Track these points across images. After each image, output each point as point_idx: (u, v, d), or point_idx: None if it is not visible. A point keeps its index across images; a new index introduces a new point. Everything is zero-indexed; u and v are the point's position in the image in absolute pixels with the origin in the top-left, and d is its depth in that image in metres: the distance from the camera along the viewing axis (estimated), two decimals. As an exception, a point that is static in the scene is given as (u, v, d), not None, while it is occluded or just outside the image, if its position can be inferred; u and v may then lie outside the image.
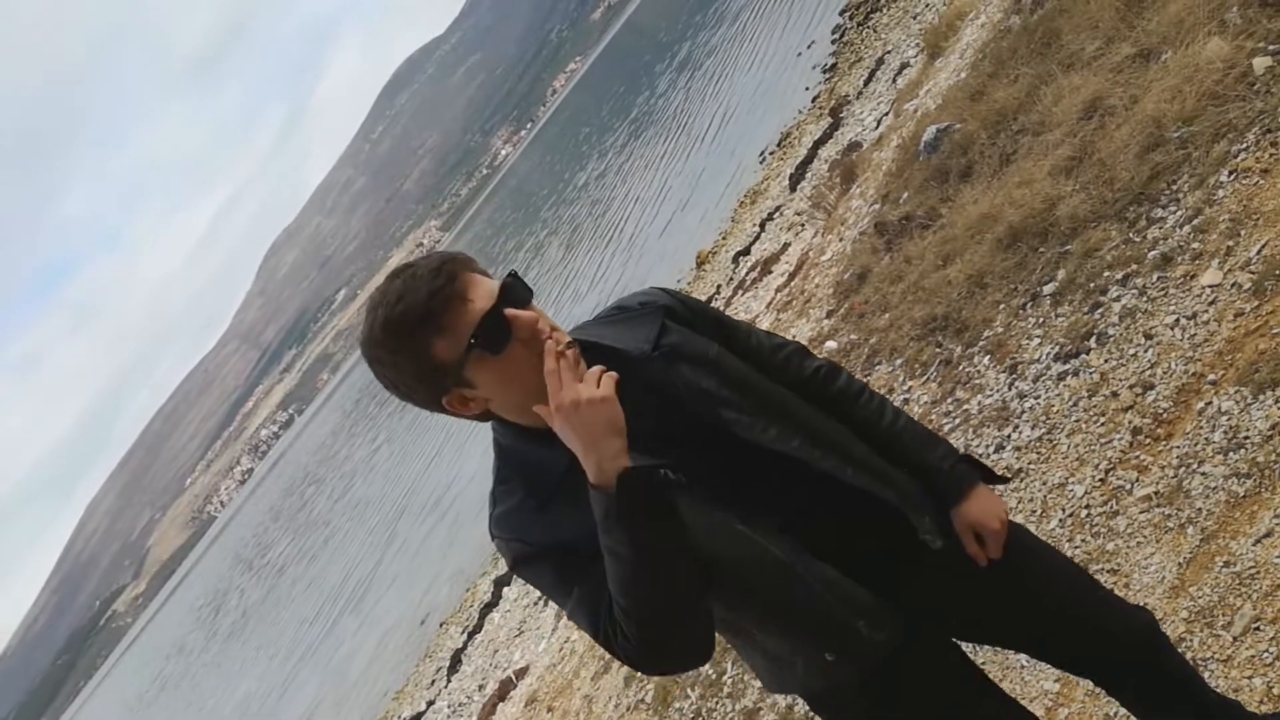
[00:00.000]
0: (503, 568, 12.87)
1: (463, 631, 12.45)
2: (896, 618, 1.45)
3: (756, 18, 27.97)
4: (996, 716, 1.57)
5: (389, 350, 1.32)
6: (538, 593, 10.42)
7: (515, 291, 1.33)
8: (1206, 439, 2.60)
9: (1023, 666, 2.55)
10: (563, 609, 1.39)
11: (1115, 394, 3.10)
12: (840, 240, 6.86)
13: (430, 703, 11.38)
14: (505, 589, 12.18)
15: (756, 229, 11.98)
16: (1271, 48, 3.47)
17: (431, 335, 1.30)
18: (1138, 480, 2.75)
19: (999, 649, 1.68)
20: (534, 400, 1.30)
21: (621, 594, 1.27)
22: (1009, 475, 3.09)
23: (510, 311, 1.31)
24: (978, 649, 2.49)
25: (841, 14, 16.43)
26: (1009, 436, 3.39)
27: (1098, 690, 2.17)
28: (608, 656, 5.66)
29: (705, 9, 42.81)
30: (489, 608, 12.19)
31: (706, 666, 4.26)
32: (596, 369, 1.28)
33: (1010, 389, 3.60)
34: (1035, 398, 3.43)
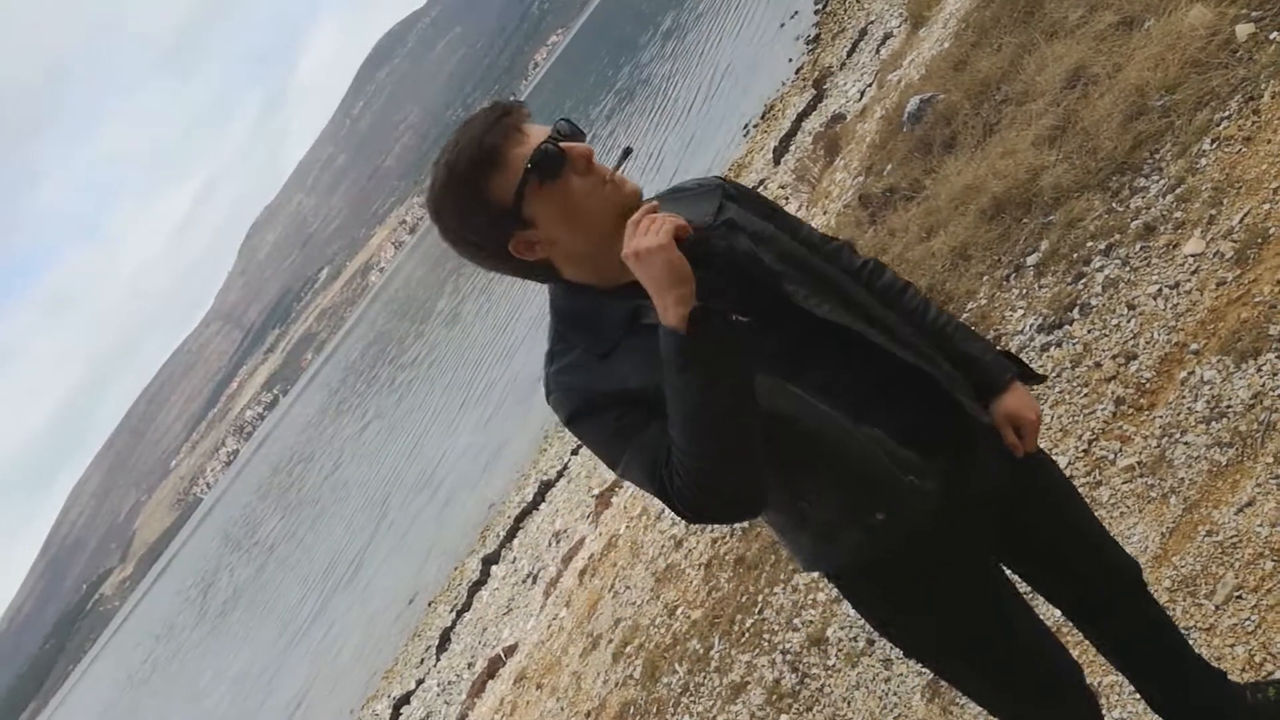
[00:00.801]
0: (491, 545, 12.88)
1: (451, 610, 12.47)
2: (940, 474, 1.50)
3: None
4: (1025, 630, 1.59)
5: (452, 196, 1.37)
6: (526, 569, 10.45)
7: (567, 129, 1.40)
8: (1189, 408, 2.60)
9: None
10: (615, 464, 1.41)
11: (1098, 364, 3.10)
12: (825, 213, 6.83)
13: (420, 681, 11.41)
14: (493, 567, 12.20)
15: (741, 203, 11.93)
16: (1254, 14, 3.45)
17: (490, 172, 1.35)
18: (1121, 450, 2.75)
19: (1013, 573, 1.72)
20: (597, 240, 1.38)
21: (684, 432, 1.30)
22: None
23: (566, 143, 1.37)
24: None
25: (824, -15, 16.31)
26: (993, 408, 3.39)
27: (1086, 657, 2.17)
28: (595, 634, 5.67)
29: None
30: (477, 586, 12.20)
31: (694, 642, 4.27)
32: (661, 217, 1.31)
33: (994, 361, 3.60)
34: (1019, 369, 3.42)
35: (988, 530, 1.60)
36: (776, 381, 1.42)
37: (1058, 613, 1.91)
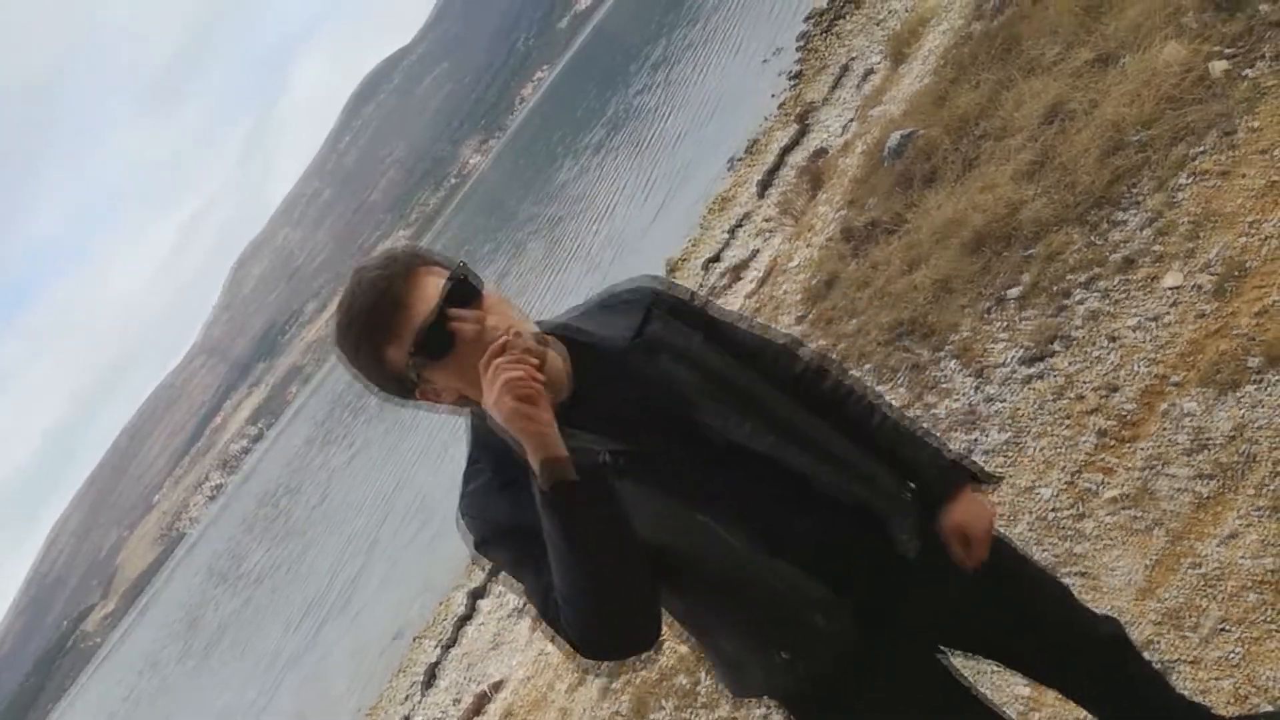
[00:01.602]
0: (477, 580, 12.78)
1: (437, 645, 12.33)
2: (850, 613, 1.44)
3: (723, 25, 28.08)
4: None
5: (348, 356, 1.37)
6: (514, 604, 10.36)
7: (460, 291, 1.33)
8: (1171, 440, 2.62)
9: (993, 672, 2.55)
10: (522, 593, 1.41)
11: (1081, 397, 3.12)
12: (808, 246, 6.88)
13: (406, 717, 11.26)
14: (480, 601, 12.09)
15: (726, 235, 12.00)
16: (1228, 51, 3.52)
17: (380, 343, 1.33)
18: (1104, 482, 2.76)
19: (970, 656, 1.64)
20: None
21: (558, 574, 1.30)
22: (999, 476, 3.06)
23: (454, 315, 1.31)
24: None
25: (806, 21, 16.51)
26: (977, 440, 3.41)
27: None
28: (584, 668, 5.62)
29: (671, 16, 42.95)
30: (464, 621, 12.08)
31: (682, 677, 4.24)
32: (506, 365, 1.27)
33: (978, 393, 3.62)
34: (1002, 401, 3.44)
35: (927, 646, 1.55)
36: (684, 511, 1.39)
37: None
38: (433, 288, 1.33)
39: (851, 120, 9.60)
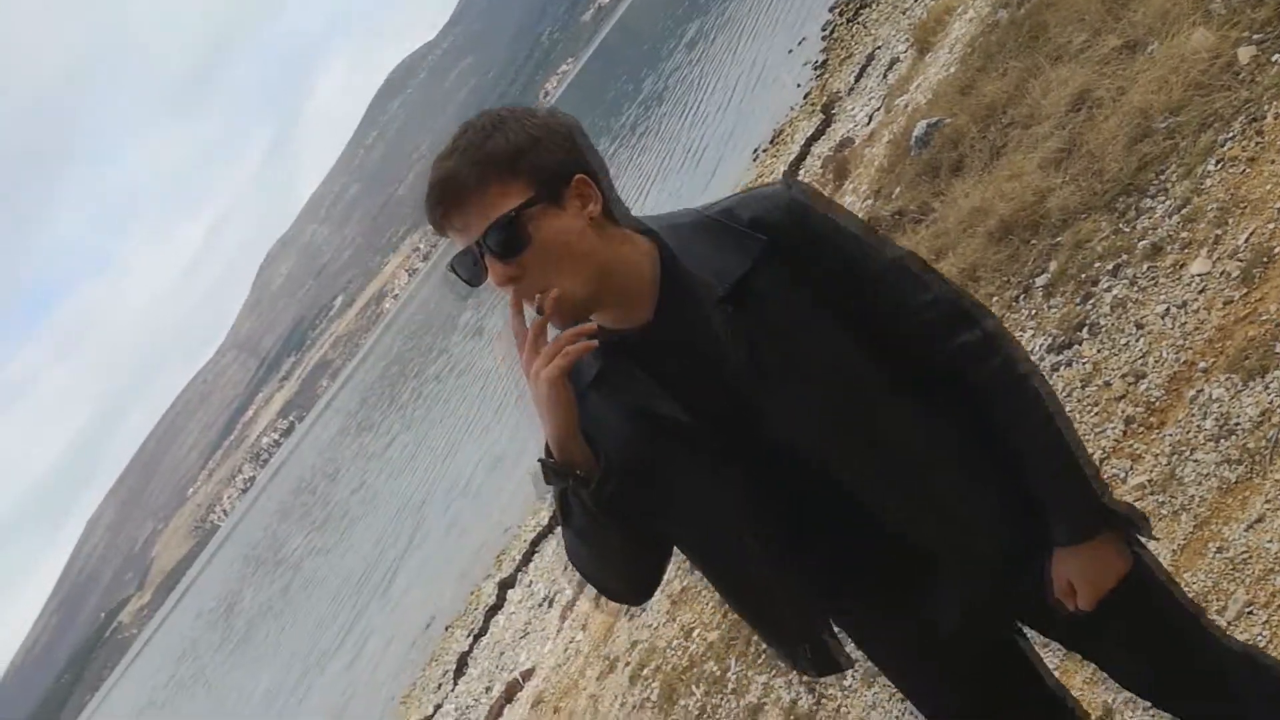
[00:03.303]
0: (506, 570, 12.90)
1: (468, 635, 12.47)
2: (837, 661, 1.42)
3: (746, 16, 27.98)
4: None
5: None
6: (543, 594, 10.45)
7: (500, 240, 1.24)
8: (1198, 426, 2.64)
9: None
10: None
11: (1108, 384, 3.13)
12: (834, 236, 6.89)
13: (438, 706, 11.40)
14: (509, 591, 12.20)
15: (752, 227, 11.99)
16: (1256, 37, 3.51)
17: (440, 227, 1.30)
18: (1131, 469, 2.78)
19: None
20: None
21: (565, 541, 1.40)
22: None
23: (488, 263, 1.26)
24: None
25: (831, 10, 16.45)
26: (1004, 428, 3.42)
27: (1097, 677, 2.20)
28: (611, 657, 5.69)
29: (694, 7, 42.83)
30: (494, 610, 12.21)
31: (711, 663, 4.29)
32: (561, 340, 1.24)
33: (1005, 381, 3.63)
34: (1030, 389, 3.45)
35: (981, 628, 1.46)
36: (706, 497, 1.34)
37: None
38: (490, 211, 1.24)
39: (877, 110, 9.57)
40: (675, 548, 1.44)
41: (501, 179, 1.23)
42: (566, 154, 1.27)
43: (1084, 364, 3.31)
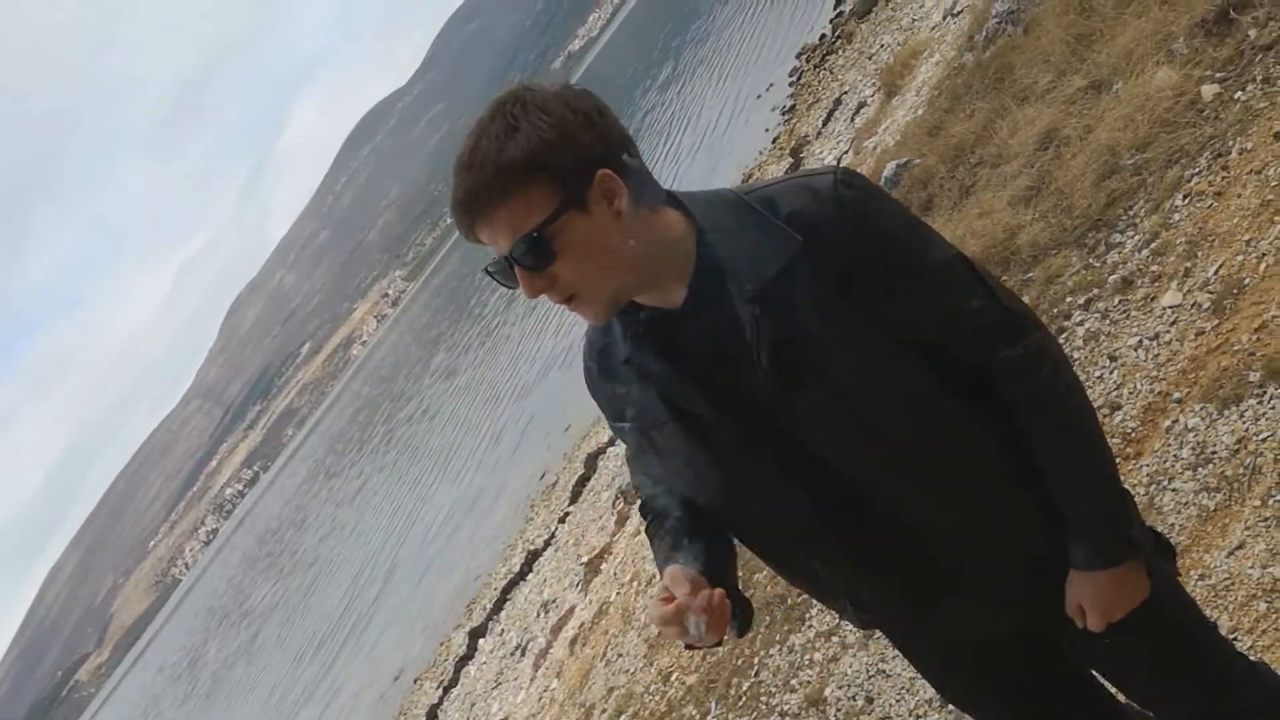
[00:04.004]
0: (477, 618, 12.71)
1: (438, 686, 12.23)
2: (880, 617, 1.49)
3: (713, 63, 28.44)
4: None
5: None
6: (515, 642, 10.29)
7: (529, 253, 1.22)
8: (1175, 456, 2.64)
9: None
10: None
11: (1084, 416, 3.14)
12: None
13: (407, 760, 11.14)
14: (480, 640, 12.00)
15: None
16: (1219, 75, 3.58)
17: (469, 233, 1.27)
18: (1110, 499, 2.77)
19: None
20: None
21: None
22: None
23: (519, 274, 1.24)
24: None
25: (798, 57, 16.74)
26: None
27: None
28: (587, 704, 5.58)
29: (662, 56, 43.47)
30: (464, 660, 12.00)
31: (691, 708, 4.22)
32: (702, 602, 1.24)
33: (981, 415, 3.63)
34: (1006, 423, 3.46)
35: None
36: (730, 486, 1.36)
37: None
38: (516, 223, 1.21)
39: (845, 152, 9.70)
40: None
41: (524, 188, 1.19)
42: (587, 147, 1.21)
43: (1059, 397, 3.32)
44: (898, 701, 2.99)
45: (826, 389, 1.24)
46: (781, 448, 1.29)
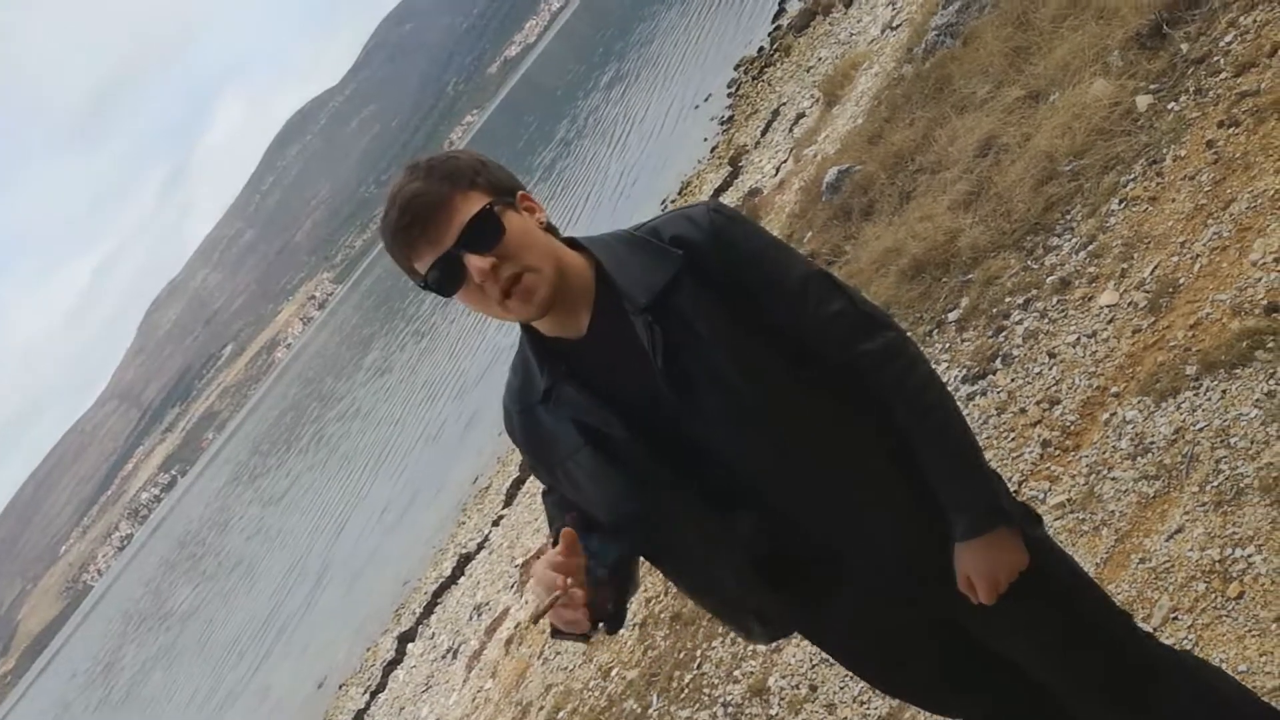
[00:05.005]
0: (405, 624, 12.53)
1: (365, 692, 12.02)
2: (787, 624, 1.56)
3: (652, 72, 28.58)
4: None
5: (386, 249, 1.43)
6: (446, 645, 10.18)
7: (478, 232, 1.35)
8: (1114, 446, 2.73)
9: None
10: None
11: (1023, 410, 3.23)
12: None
13: (333, 767, 10.92)
14: (409, 644, 11.83)
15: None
16: (1153, 87, 3.72)
17: (408, 257, 1.39)
18: (1050, 489, 2.85)
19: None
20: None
21: None
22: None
23: (466, 260, 1.35)
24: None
25: (736, 69, 16.91)
26: (924, 456, 3.48)
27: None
28: (524, 703, 5.54)
29: (601, 64, 43.54)
30: (393, 665, 11.81)
31: (631, 701, 4.21)
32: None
33: (922, 411, 3.70)
34: (947, 418, 3.53)
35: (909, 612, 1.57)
36: (641, 496, 1.44)
37: None
38: (461, 216, 1.35)
39: (784, 162, 9.82)
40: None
41: (465, 191, 1.36)
42: (509, 177, 1.44)
43: (999, 393, 3.40)
44: (841, 689, 3.03)
45: (716, 388, 1.38)
46: (686, 454, 1.41)
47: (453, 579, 11.97)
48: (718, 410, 1.38)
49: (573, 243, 1.47)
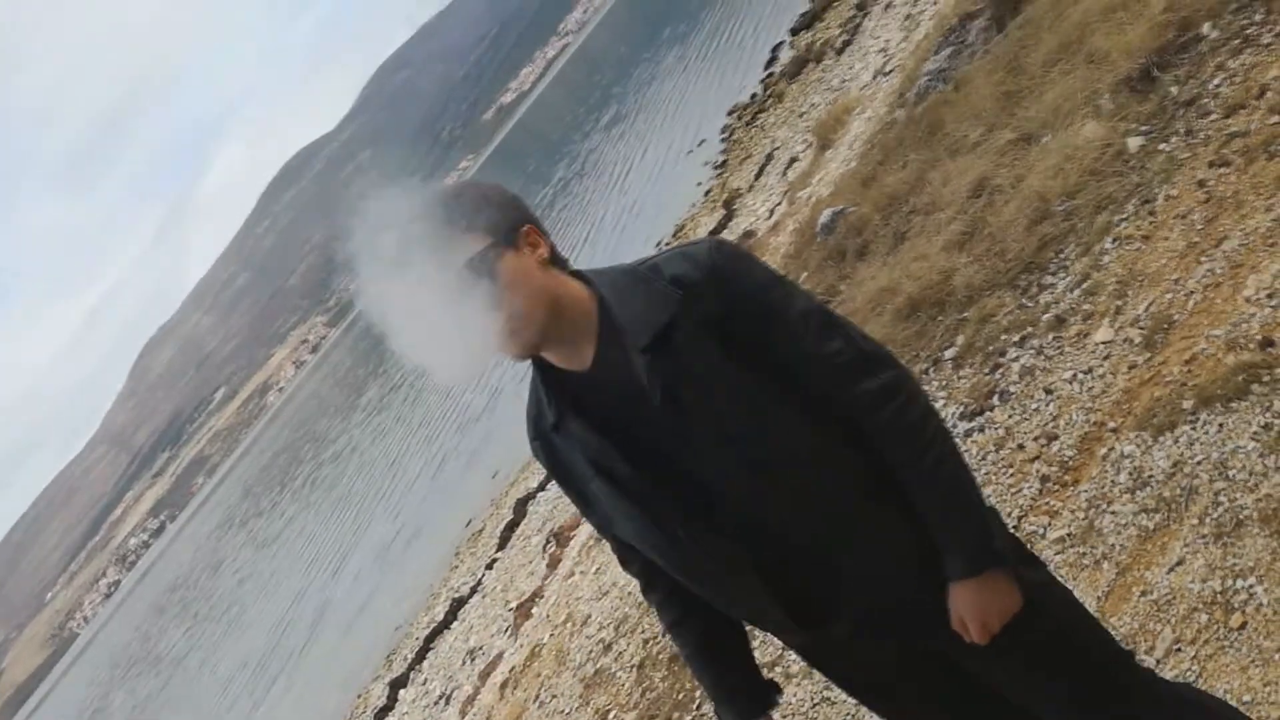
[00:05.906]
0: (397, 670, 12.39)
1: (356, 738, 11.86)
2: (807, 629, 1.55)
3: (647, 119, 28.89)
4: None
5: None
6: (439, 691, 10.06)
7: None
8: (1113, 481, 2.74)
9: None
10: None
11: (1021, 446, 3.24)
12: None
13: (322, 816, 10.73)
14: (401, 691, 11.70)
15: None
16: (1143, 129, 3.78)
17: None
18: (1050, 524, 2.86)
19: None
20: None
21: None
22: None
23: None
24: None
25: (729, 114, 17.12)
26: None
27: None
28: (519, 745, 5.48)
29: (596, 111, 44.01)
30: (384, 712, 11.66)
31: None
32: None
33: (920, 448, 3.71)
34: (945, 455, 3.54)
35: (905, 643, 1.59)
36: (648, 525, 1.50)
37: None
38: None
39: (778, 204, 9.92)
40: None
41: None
42: (514, 210, 1.47)
43: (996, 429, 3.42)
44: (843, 728, 3.01)
45: (711, 422, 1.41)
46: (686, 487, 1.44)
47: (445, 624, 11.86)
48: (714, 446, 1.42)
49: (577, 274, 1.51)
